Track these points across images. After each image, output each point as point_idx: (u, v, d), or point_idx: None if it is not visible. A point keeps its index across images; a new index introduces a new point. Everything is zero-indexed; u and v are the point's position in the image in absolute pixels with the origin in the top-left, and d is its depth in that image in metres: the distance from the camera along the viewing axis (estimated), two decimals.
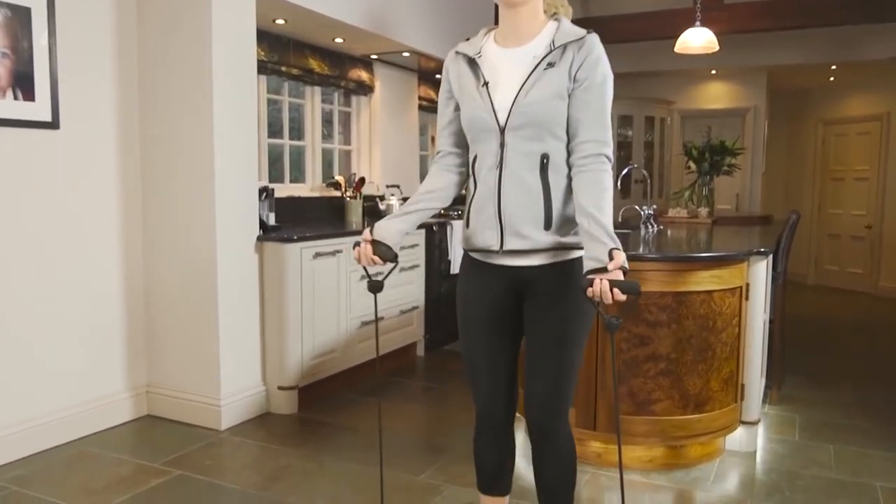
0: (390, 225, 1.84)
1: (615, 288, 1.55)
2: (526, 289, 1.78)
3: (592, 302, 1.60)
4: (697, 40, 5.03)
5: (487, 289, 1.82)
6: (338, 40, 4.47)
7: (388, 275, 1.93)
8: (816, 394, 3.94)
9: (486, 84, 1.75)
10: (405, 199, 5.10)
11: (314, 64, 4.55)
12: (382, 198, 5.08)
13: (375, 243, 1.80)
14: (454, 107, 1.87)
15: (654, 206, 4.42)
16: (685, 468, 2.90)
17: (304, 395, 3.62)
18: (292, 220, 4.27)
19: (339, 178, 4.71)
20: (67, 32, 3.04)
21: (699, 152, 6.00)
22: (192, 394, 3.36)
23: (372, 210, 4.99)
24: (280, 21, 3.97)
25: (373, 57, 5.01)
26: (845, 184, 8.07)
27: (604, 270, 1.58)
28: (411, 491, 2.67)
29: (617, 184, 1.96)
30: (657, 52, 6.81)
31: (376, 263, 1.81)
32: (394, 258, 1.80)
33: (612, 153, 1.72)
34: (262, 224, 3.60)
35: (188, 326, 3.35)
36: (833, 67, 7.11)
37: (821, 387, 4.08)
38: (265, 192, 3.81)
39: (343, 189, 4.68)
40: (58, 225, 3.05)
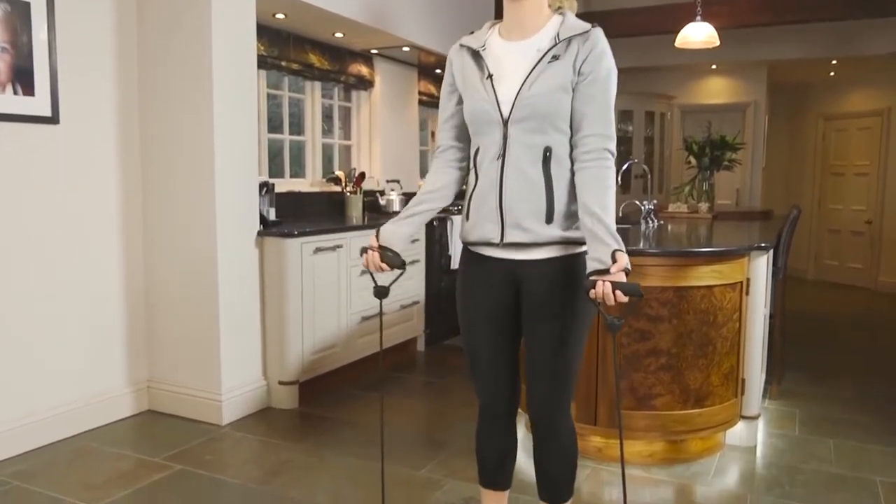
0: (396, 230, 1.84)
1: (617, 290, 1.56)
2: (526, 283, 1.77)
3: (595, 303, 1.61)
4: (698, 35, 5.01)
5: (487, 283, 1.81)
6: (338, 35, 4.46)
7: (395, 281, 1.94)
8: (816, 389, 3.95)
9: (491, 76, 1.75)
10: (405, 195, 5.11)
11: (314, 59, 4.54)
12: (382, 193, 5.07)
13: (383, 249, 1.81)
14: (456, 100, 1.86)
15: (655, 202, 4.42)
16: (685, 463, 2.91)
17: (305, 390, 3.62)
18: (293, 216, 4.27)
19: (340, 173, 4.70)
20: (67, 27, 3.03)
21: (699, 147, 6.00)
22: (193, 389, 3.36)
23: (372, 205, 4.99)
24: (280, 16, 3.96)
25: (373, 52, 5.00)
26: (845, 179, 8.06)
27: (606, 272, 1.59)
28: (412, 485, 2.67)
29: (617, 179, 1.96)
30: (658, 47, 6.80)
31: (384, 270, 1.82)
32: (401, 265, 1.81)
33: (615, 147, 1.73)
34: (263, 219, 3.60)
35: (189, 321, 3.35)
36: (834, 62, 7.10)
37: (821, 382, 4.09)
38: (265, 188, 3.81)
39: (343, 184, 4.68)
40: (58, 219, 3.05)
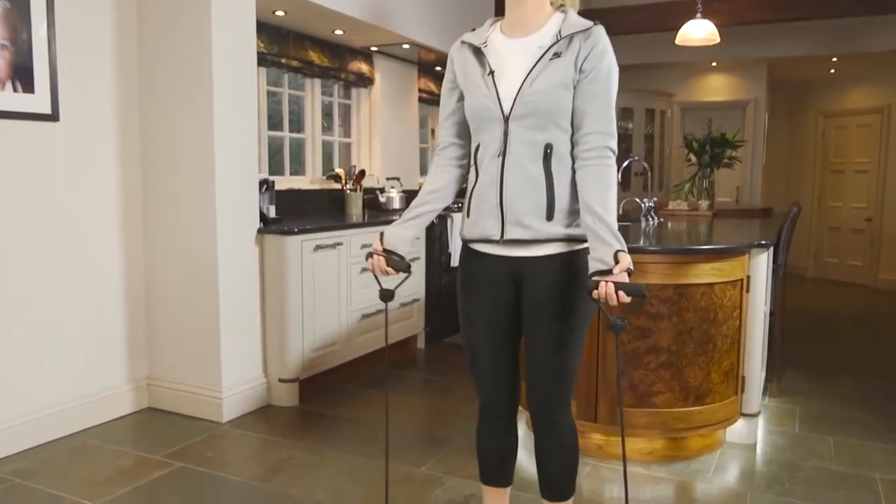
0: (400, 233, 1.85)
1: (620, 290, 1.57)
2: (526, 281, 1.77)
3: (598, 303, 1.62)
4: (698, 32, 5.01)
5: (487, 281, 1.81)
6: (338, 32, 4.45)
7: (400, 284, 1.96)
8: (816, 386, 3.95)
9: (492, 73, 1.74)
10: (405, 192, 5.10)
11: (314, 56, 4.54)
12: (382, 190, 5.07)
13: (388, 253, 1.83)
14: (457, 97, 1.86)
15: (655, 199, 4.42)
16: (686, 460, 2.91)
17: (305, 388, 3.62)
18: (292, 213, 4.26)
19: (340, 171, 4.70)
20: (67, 24, 3.03)
21: (700, 144, 6.00)
22: (193, 386, 3.36)
23: (372, 202, 4.99)
24: (280, 13, 3.95)
25: (373, 49, 5.00)
26: (845, 176, 8.06)
27: (609, 272, 1.59)
28: (412, 483, 2.67)
29: (618, 177, 1.96)
30: (658, 44, 6.79)
31: (390, 274, 1.84)
32: (407, 268, 1.83)
33: (617, 145, 1.73)
34: (263, 216, 3.59)
35: (189, 319, 3.35)
36: (834, 59, 7.09)
37: (820, 379, 4.09)
38: (265, 185, 3.81)
39: (343, 181, 4.67)
40: (58, 217, 3.04)
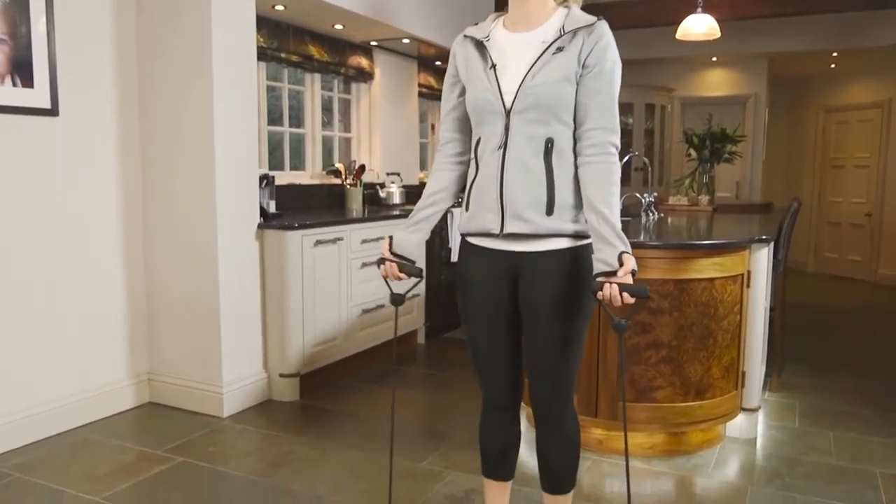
0: (409, 238, 1.87)
1: (624, 292, 1.58)
2: (525, 276, 1.76)
3: (602, 304, 1.63)
4: (699, 27, 5.00)
5: (487, 276, 1.81)
6: (337, 26, 4.44)
7: (412, 289, 2.01)
8: (816, 381, 3.95)
9: (494, 66, 1.74)
10: (405, 187, 5.11)
11: (314, 50, 4.53)
12: (383, 185, 5.07)
13: (399, 259, 1.86)
14: (459, 92, 1.86)
15: (655, 194, 4.42)
16: (686, 455, 2.92)
17: (306, 383, 3.63)
18: (293, 208, 4.26)
19: (340, 166, 4.70)
20: (66, 18, 3.02)
21: (700, 140, 5.99)
22: (194, 381, 3.36)
23: (372, 198, 4.98)
24: (279, 7, 3.94)
25: (372, 44, 4.98)
26: (845, 171, 8.06)
27: (614, 274, 1.60)
28: (414, 477, 2.68)
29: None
30: (658, 39, 6.78)
31: (402, 280, 1.86)
32: (419, 273, 1.86)
33: (619, 141, 1.72)
34: (263, 212, 3.59)
35: (189, 314, 3.35)
36: (834, 54, 7.08)
37: (820, 374, 4.09)
38: (265, 180, 3.80)
39: (343, 177, 4.67)
40: (58, 212, 3.04)
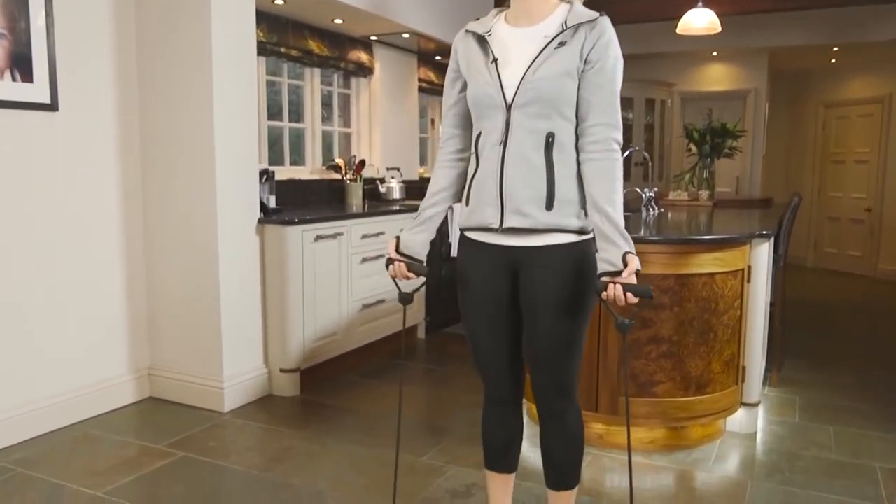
0: (416, 238, 1.89)
1: (628, 292, 1.59)
2: (524, 271, 1.76)
3: (605, 304, 1.63)
4: (700, 21, 4.99)
5: (487, 272, 1.80)
6: (337, 21, 4.43)
7: (419, 289, 2.05)
8: (816, 376, 3.96)
9: (496, 61, 1.73)
10: (405, 182, 5.10)
11: (313, 45, 4.52)
12: (383, 180, 5.06)
13: (407, 259, 1.88)
14: (460, 87, 1.85)
15: (655, 189, 4.42)
16: (686, 449, 2.92)
17: (306, 378, 3.63)
18: (293, 203, 4.26)
19: (339, 161, 4.69)
20: (65, 13, 3.01)
21: (700, 134, 5.99)
22: (195, 376, 3.37)
23: (372, 193, 4.98)
24: (279, 1, 3.92)
25: (372, 38, 4.97)
26: (846, 166, 8.05)
27: (617, 274, 1.61)
28: (415, 472, 2.68)
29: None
30: (658, 34, 6.76)
31: (411, 279, 1.89)
32: (427, 272, 1.89)
33: (622, 136, 1.72)
34: (263, 207, 3.58)
35: (190, 309, 3.35)
36: (835, 49, 7.07)
37: (820, 369, 4.10)
38: (265, 175, 3.80)
39: (343, 172, 4.66)
40: (58, 207, 3.04)
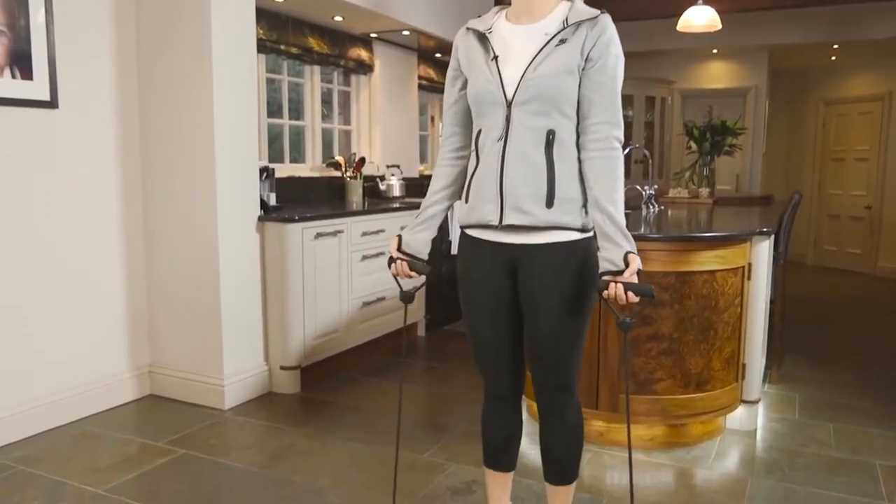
0: (418, 237, 1.89)
1: (629, 291, 1.60)
2: (524, 269, 1.76)
3: (607, 303, 1.64)
4: (700, 19, 4.99)
5: (487, 269, 1.81)
6: (337, 18, 4.42)
7: (420, 287, 2.06)
8: (816, 373, 3.96)
9: (496, 58, 1.73)
10: (405, 180, 5.10)
11: (313, 42, 4.51)
12: (383, 178, 5.06)
13: (409, 258, 1.89)
14: (460, 85, 1.85)
15: (655, 186, 4.41)
16: (686, 446, 2.93)
17: (307, 375, 3.63)
18: (293, 201, 4.26)
19: (339, 159, 4.69)
20: (65, 10, 3.00)
21: (700, 132, 5.99)
22: (195, 374, 3.37)
23: (372, 190, 4.98)
24: None
25: (372, 35, 4.97)
26: (845, 164, 8.05)
27: (619, 273, 1.62)
28: (415, 469, 2.69)
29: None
30: (659, 31, 6.76)
31: (413, 277, 1.91)
32: (429, 271, 1.91)
33: (623, 134, 1.73)
34: (263, 204, 3.58)
35: (190, 306, 3.35)
36: (835, 47, 7.06)
37: (820, 366, 4.10)
38: (265, 173, 3.80)
39: (343, 169, 4.66)
40: (58, 204, 3.04)
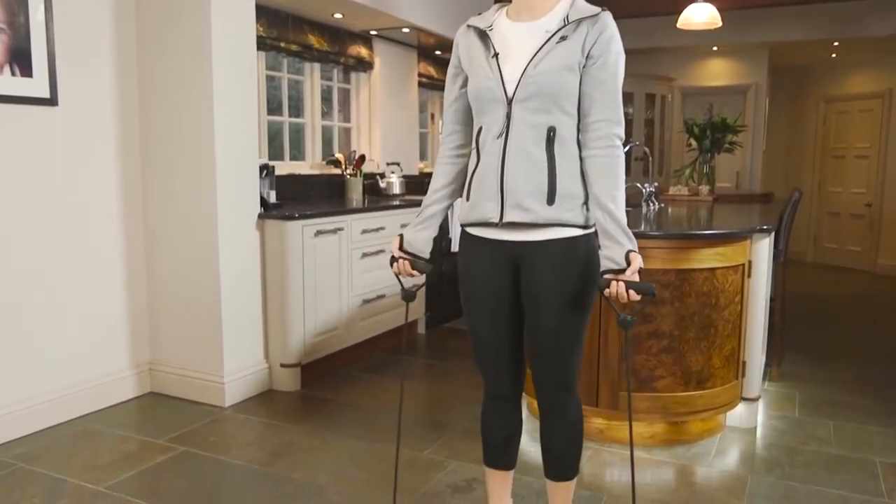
0: (419, 236, 1.90)
1: (631, 289, 1.60)
2: (525, 266, 1.76)
3: (609, 301, 1.65)
4: (700, 16, 4.98)
5: (487, 267, 1.81)
6: (337, 15, 4.41)
7: (421, 286, 2.06)
8: (816, 371, 3.97)
9: (497, 55, 1.73)
10: (405, 177, 5.10)
11: (313, 40, 4.51)
12: (383, 175, 5.06)
13: (411, 257, 1.90)
14: (461, 83, 1.85)
15: (655, 184, 4.41)
16: (686, 444, 2.93)
17: (307, 373, 3.63)
18: (293, 198, 4.25)
19: (339, 156, 4.68)
20: (64, 8, 2.99)
21: (700, 129, 5.98)
22: (195, 371, 3.37)
23: (372, 188, 4.98)
24: None
25: (372, 33, 4.96)
26: (846, 161, 8.04)
27: (621, 272, 1.62)
28: (415, 467, 2.69)
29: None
30: (659, 29, 6.75)
31: (414, 276, 1.92)
32: (430, 269, 1.92)
33: (624, 132, 1.73)
34: (263, 202, 3.58)
35: (190, 304, 3.35)
36: (835, 44, 7.06)
37: (820, 364, 4.11)
38: (265, 170, 3.79)
39: (343, 167, 4.66)
40: (58, 202, 3.03)
